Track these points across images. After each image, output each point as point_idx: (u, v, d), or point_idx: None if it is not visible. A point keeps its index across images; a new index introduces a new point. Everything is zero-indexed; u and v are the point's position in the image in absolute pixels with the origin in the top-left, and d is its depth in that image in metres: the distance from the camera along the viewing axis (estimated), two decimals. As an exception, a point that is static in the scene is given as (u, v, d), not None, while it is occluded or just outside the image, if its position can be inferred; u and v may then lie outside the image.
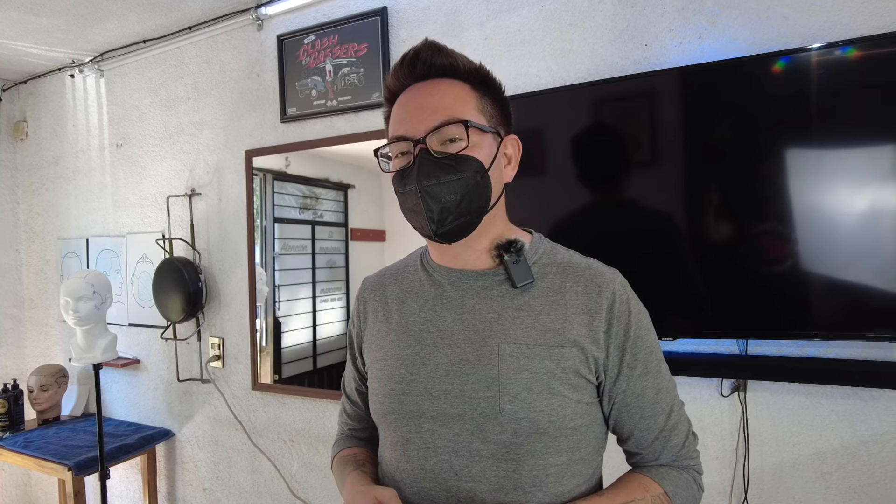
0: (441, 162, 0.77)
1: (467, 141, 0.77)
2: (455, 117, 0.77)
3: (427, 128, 0.77)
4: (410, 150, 0.79)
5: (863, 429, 1.40)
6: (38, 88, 3.09)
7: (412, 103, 0.81)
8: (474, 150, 0.78)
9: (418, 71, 0.81)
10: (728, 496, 1.54)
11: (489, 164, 0.80)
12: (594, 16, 1.67)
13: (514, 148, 0.87)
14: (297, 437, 2.28)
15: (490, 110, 0.82)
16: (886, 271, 1.27)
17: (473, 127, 0.78)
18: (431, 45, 0.82)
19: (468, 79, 0.82)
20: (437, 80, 0.81)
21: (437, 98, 0.79)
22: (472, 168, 0.78)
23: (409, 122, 0.79)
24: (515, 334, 0.78)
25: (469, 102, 0.80)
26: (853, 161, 1.30)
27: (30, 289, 3.22)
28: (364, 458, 0.95)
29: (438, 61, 0.81)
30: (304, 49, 2.16)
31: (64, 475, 2.24)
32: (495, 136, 0.82)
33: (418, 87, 0.81)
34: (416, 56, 0.81)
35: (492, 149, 0.81)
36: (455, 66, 0.81)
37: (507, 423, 0.76)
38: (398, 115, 0.82)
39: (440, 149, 0.78)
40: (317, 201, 2.19)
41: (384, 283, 0.94)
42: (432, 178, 0.77)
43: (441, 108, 0.78)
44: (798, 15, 1.41)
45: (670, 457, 0.83)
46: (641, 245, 1.52)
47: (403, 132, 0.79)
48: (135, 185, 2.72)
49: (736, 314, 1.44)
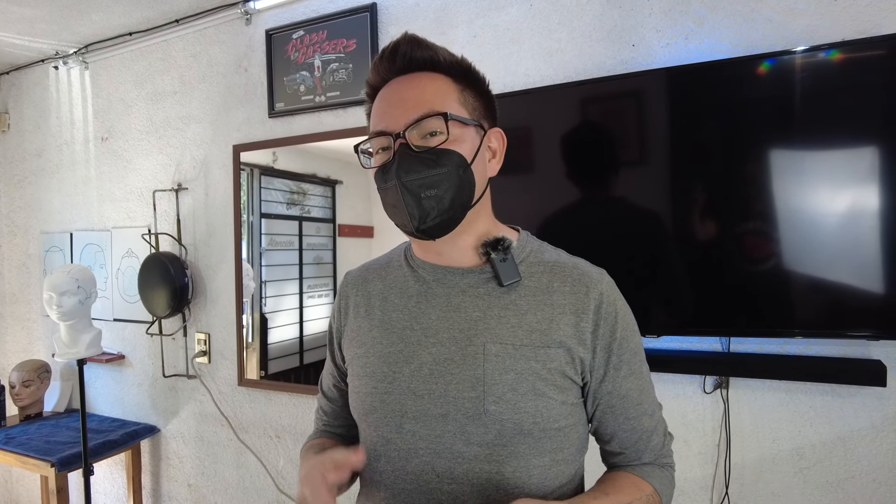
0: (421, 156, 0.75)
1: (447, 134, 0.75)
2: (434, 110, 0.75)
3: (407, 121, 0.75)
4: (391, 144, 0.76)
5: (840, 425, 1.43)
6: (21, 80, 3.05)
7: (392, 97, 0.79)
8: (455, 144, 0.76)
9: (398, 64, 0.79)
10: (710, 490, 1.57)
11: (472, 157, 0.78)
12: (582, 15, 1.68)
13: (498, 141, 0.84)
14: (283, 433, 2.27)
15: (472, 103, 0.80)
16: (865, 271, 1.30)
17: (454, 119, 0.76)
18: (411, 39, 0.80)
19: (449, 71, 0.80)
20: (418, 74, 0.79)
21: (416, 91, 0.77)
22: (454, 162, 0.76)
23: (389, 117, 0.77)
24: (501, 334, 0.77)
25: (450, 95, 0.78)
26: (834, 162, 1.32)
27: (11, 283, 3.18)
28: (331, 446, 0.90)
29: (418, 54, 0.79)
30: (293, 44, 2.15)
31: (47, 472, 2.21)
32: (478, 129, 0.80)
33: (398, 81, 0.80)
34: (396, 49, 0.79)
35: (475, 142, 0.79)
36: (435, 59, 0.79)
37: (491, 424, 0.74)
38: (378, 109, 0.80)
39: (420, 143, 0.76)
40: (304, 197, 2.18)
41: (367, 278, 0.92)
42: (412, 173, 0.75)
43: (421, 101, 0.76)
44: (782, 18, 1.44)
45: (653, 456, 0.83)
46: (627, 243, 1.54)
47: (383, 127, 0.77)
48: (120, 179, 2.69)
49: (719, 312, 1.46)
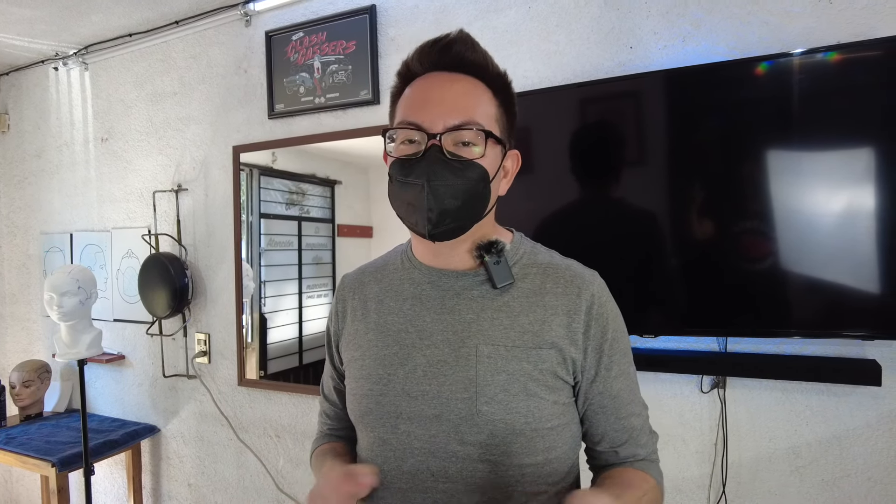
0: (451, 164, 0.74)
1: (484, 150, 0.75)
2: (476, 122, 0.74)
3: (446, 125, 0.74)
4: (422, 140, 0.75)
5: (835, 424, 1.44)
6: (21, 80, 3.05)
7: (433, 92, 0.76)
8: (483, 160, 0.76)
9: (447, 60, 0.77)
10: (707, 489, 1.58)
11: (493, 174, 0.78)
12: (580, 18, 1.69)
13: (513, 163, 0.85)
14: (283, 433, 2.28)
15: (503, 121, 0.80)
16: (861, 271, 1.31)
17: (492, 138, 0.75)
18: (466, 38, 0.78)
19: (492, 83, 0.79)
20: (463, 76, 0.77)
21: (460, 95, 0.75)
22: (478, 176, 0.75)
23: (427, 112, 0.75)
24: (494, 335, 0.78)
25: (490, 109, 0.77)
26: (831, 163, 1.33)
27: (11, 284, 3.18)
28: (343, 451, 0.94)
29: (470, 57, 0.77)
30: (293, 45, 2.16)
31: (47, 471, 2.22)
32: (502, 148, 0.80)
33: (442, 77, 0.77)
34: (450, 46, 0.77)
35: (497, 160, 0.79)
36: (484, 66, 0.78)
37: (483, 424, 0.75)
38: (416, 99, 0.77)
39: (453, 149, 0.74)
40: (303, 197, 2.19)
41: (363, 281, 0.92)
42: (441, 178, 0.74)
43: (463, 107, 0.75)
44: (778, 20, 1.45)
45: (645, 453, 0.85)
46: (625, 243, 1.55)
47: (419, 121, 0.75)
48: (120, 179, 2.70)
49: (716, 312, 1.47)
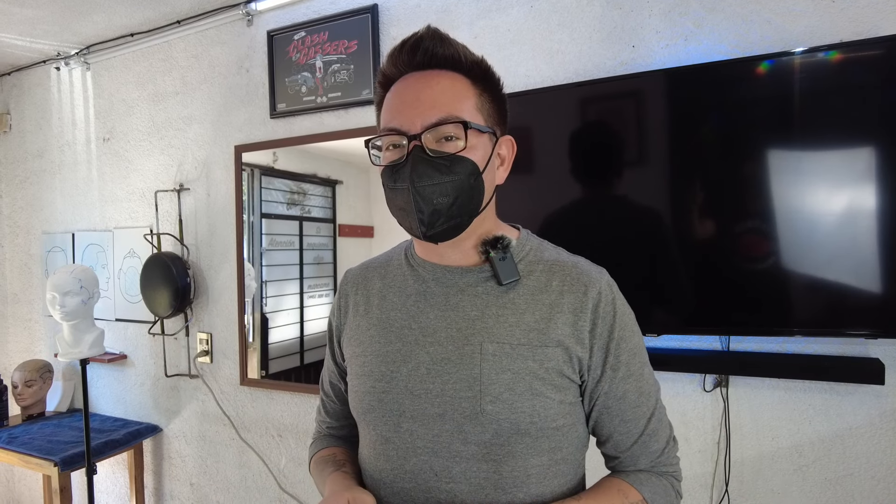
0: (435, 162, 0.73)
1: (465, 142, 0.73)
2: (454, 116, 0.73)
3: (424, 124, 0.73)
4: (404, 144, 0.74)
5: (838, 422, 1.44)
6: (22, 80, 3.05)
7: (408, 94, 0.75)
8: (470, 152, 0.74)
9: (418, 59, 0.76)
10: (710, 488, 1.58)
11: (483, 165, 0.76)
12: (582, 17, 1.69)
13: (508, 149, 0.82)
14: (285, 432, 2.29)
15: (488, 108, 0.78)
16: (864, 270, 1.31)
17: (472, 128, 0.74)
18: (434, 33, 0.76)
19: (469, 73, 0.77)
20: (437, 72, 0.76)
21: (436, 92, 0.74)
22: (467, 170, 0.74)
23: (404, 115, 0.74)
24: (499, 333, 0.76)
25: (468, 99, 0.76)
26: (832, 162, 1.34)
27: (13, 283, 3.18)
28: (344, 458, 0.92)
29: (441, 51, 0.75)
30: (294, 45, 2.16)
31: (50, 471, 2.22)
32: (491, 136, 0.78)
33: (416, 77, 0.76)
34: (418, 43, 0.76)
35: (487, 150, 0.77)
36: (457, 57, 0.76)
37: (487, 423, 0.73)
38: (393, 104, 0.76)
39: (435, 147, 0.73)
40: (304, 197, 2.19)
41: (367, 276, 0.91)
42: (425, 178, 0.73)
43: (439, 103, 0.73)
44: (780, 20, 1.45)
45: (649, 462, 0.81)
46: (627, 242, 1.55)
47: (398, 125, 0.74)
48: (122, 179, 2.70)
49: (719, 311, 1.47)
